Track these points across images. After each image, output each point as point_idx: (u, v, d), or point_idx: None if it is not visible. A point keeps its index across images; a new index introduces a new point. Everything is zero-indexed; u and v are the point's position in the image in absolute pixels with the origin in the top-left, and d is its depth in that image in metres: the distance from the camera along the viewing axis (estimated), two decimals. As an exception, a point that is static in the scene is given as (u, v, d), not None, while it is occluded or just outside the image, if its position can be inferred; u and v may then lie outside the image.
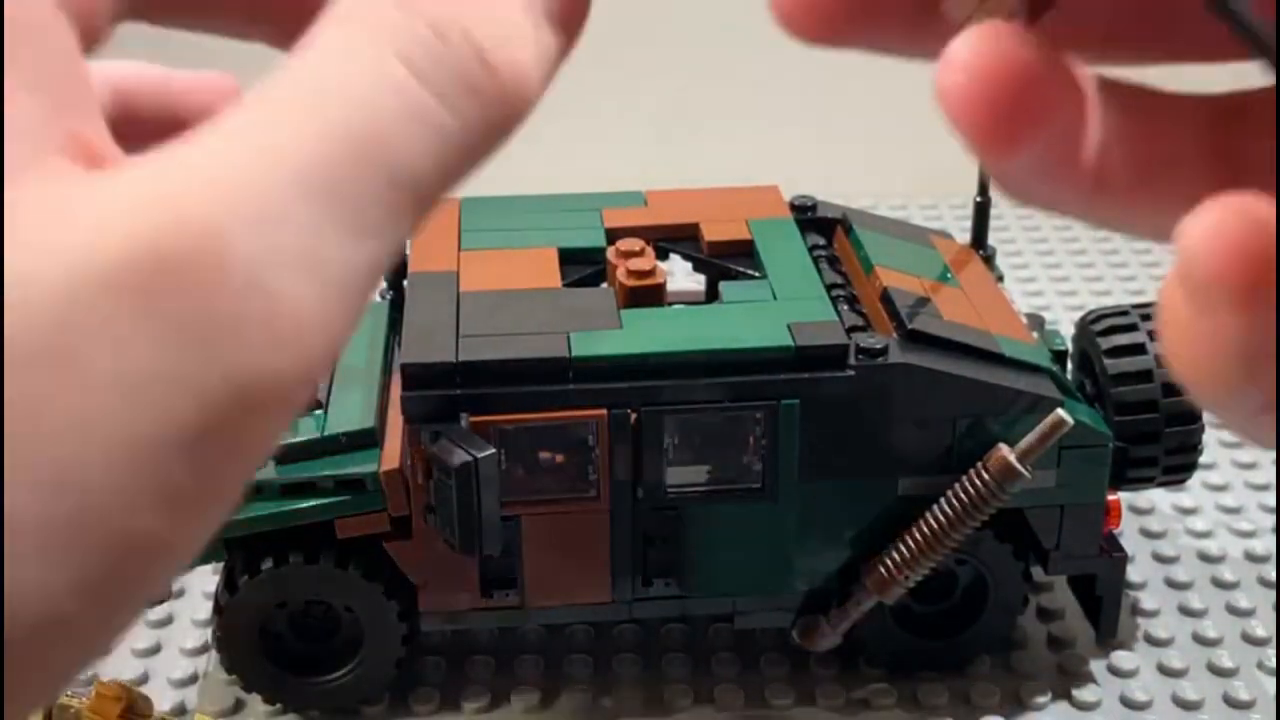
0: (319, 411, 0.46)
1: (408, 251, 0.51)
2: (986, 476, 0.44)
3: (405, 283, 0.51)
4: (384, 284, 0.54)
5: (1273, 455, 0.61)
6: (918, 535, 0.45)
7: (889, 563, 0.46)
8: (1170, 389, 0.48)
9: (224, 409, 0.19)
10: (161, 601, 0.47)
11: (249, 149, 0.20)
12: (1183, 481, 0.51)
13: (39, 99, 0.20)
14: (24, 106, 0.20)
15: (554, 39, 0.23)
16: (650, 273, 0.46)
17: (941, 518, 0.45)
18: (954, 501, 0.45)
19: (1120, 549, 0.48)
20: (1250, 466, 0.61)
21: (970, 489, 0.45)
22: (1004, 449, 0.44)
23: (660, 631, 0.52)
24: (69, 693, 0.42)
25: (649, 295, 0.46)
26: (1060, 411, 0.44)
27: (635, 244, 0.48)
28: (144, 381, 0.19)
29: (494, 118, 0.22)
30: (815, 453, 0.45)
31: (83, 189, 0.19)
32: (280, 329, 0.20)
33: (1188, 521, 0.58)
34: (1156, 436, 0.48)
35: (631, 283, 0.46)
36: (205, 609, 0.53)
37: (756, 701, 0.49)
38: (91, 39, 0.21)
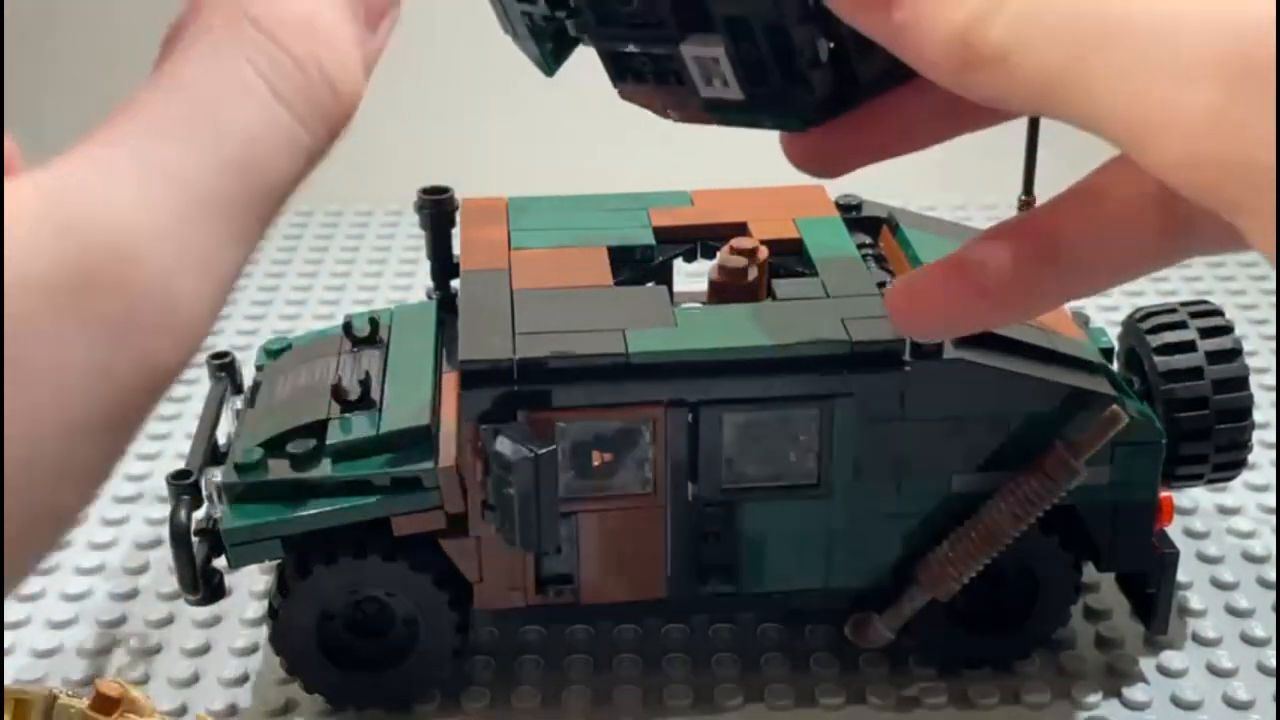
0: (373, 410, 0.47)
1: (457, 252, 0.51)
2: (1042, 473, 0.44)
3: (456, 282, 0.51)
4: (431, 284, 0.54)
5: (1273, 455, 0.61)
6: (972, 532, 0.45)
7: (943, 559, 0.46)
8: (1221, 386, 0.48)
9: (133, 393, 0.22)
10: (212, 600, 0.47)
11: (152, 172, 0.23)
12: (1230, 480, 0.51)
13: None
14: None
15: (374, 45, 0.28)
16: (741, 271, 0.47)
17: (996, 515, 0.45)
18: (1009, 498, 0.45)
19: (1172, 545, 0.48)
20: (1251, 468, 0.61)
21: (1025, 486, 0.45)
22: (1059, 445, 0.44)
23: (709, 632, 0.52)
24: (69, 692, 0.42)
25: (737, 293, 0.47)
26: (1116, 407, 0.44)
27: (749, 243, 0.48)
28: (74, 374, 0.22)
29: (336, 131, 0.26)
30: (870, 450, 0.45)
31: (9, 204, 0.22)
32: (179, 323, 0.23)
33: (1231, 522, 0.59)
34: (1207, 433, 0.48)
35: (720, 279, 0.47)
36: (254, 608, 0.53)
37: (806, 701, 0.49)
38: None
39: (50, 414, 0.22)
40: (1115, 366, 0.51)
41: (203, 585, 0.46)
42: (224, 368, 0.53)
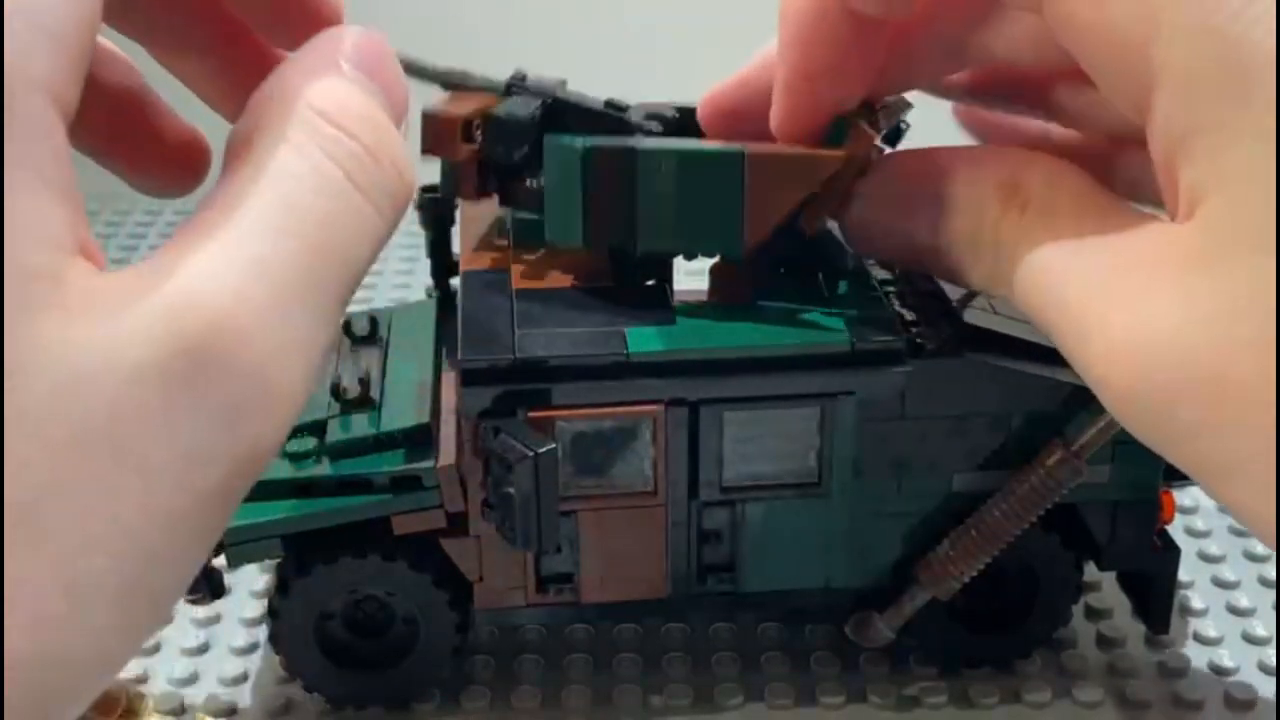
0: (372, 409, 0.47)
1: (457, 251, 0.51)
2: (1043, 472, 0.44)
3: (456, 281, 0.51)
4: (430, 283, 0.54)
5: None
6: (973, 531, 0.45)
7: (943, 558, 0.46)
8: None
9: (238, 474, 0.24)
10: (212, 599, 0.47)
11: (249, 264, 0.24)
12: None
13: (62, 207, 0.23)
14: (53, 217, 0.23)
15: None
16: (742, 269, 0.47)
17: (997, 513, 0.45)
18: (1010, 497, 0.45)
19: (1173, 544, 0.48)
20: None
21: (1026, 484, 0.45)
22: (1061, 444, 0.44)
23: (709, 631, 0.52)
24: None
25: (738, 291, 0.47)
26: (1117, 406, 0.44)
27: None
28: (184, 461, 0.23)
29: (401, 214, 0.28)
30: (870, 449, 0.45)
31: (111, 293, 0.23)
32: (278, 405, 0.24)
33: (1233, 520, 0.58)
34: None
35: (721, 277, 0.47)
36: (254, 607, 0.53)
37: (807, 700, 0.49)
38: (68, 120, 0.24)
39: (155, 501, 0.22)
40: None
41: (203, 584, 0.46)
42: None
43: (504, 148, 0.45)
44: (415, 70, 0.46)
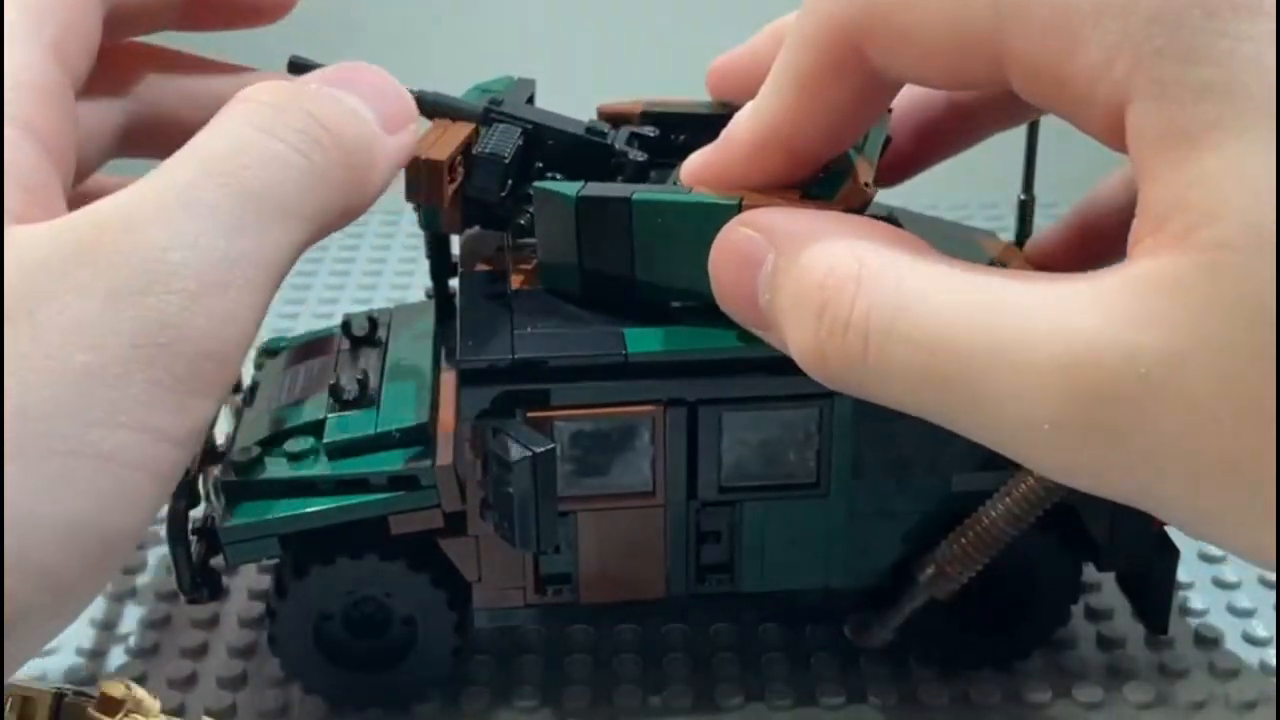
0: (371, 408, 0.47)
1: (455, 252, 0.51)
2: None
3: (454, 282, 0.51)
4: (429, 283, 0.54)
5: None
6: (971, 532, 0.45)
7: (942, 559, 0.46)
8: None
9: (147, 341, 0.29)
10: (210, 600, 0.47)
11: (146, 182, 0.31)
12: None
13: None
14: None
15: (394, 144, 0.37)
16: None
17: (996, 514, 0.45)
18: (1008, 498, 0.45)
19: (1172, 544, 0.48)
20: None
21: (1025, 485, 0.45)
22: (1059, 444, 0.44)
23: (709, 632, 0.52)
24: (76, 691, 0.41)
25: None
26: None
27: None
28: (78, 328, 0.28)
29: (334, 163, 0.33)
30: (869, 449, 0.45)
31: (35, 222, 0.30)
32: (177, 282, 0.29)
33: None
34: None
35: None
36: (252, 609, 0.53)
37: (807, 700, 0.49)
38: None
39: (54, 362, 0.28)
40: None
41: (202, 584, 0.46)
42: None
43: (488, 187, 0.44)
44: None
